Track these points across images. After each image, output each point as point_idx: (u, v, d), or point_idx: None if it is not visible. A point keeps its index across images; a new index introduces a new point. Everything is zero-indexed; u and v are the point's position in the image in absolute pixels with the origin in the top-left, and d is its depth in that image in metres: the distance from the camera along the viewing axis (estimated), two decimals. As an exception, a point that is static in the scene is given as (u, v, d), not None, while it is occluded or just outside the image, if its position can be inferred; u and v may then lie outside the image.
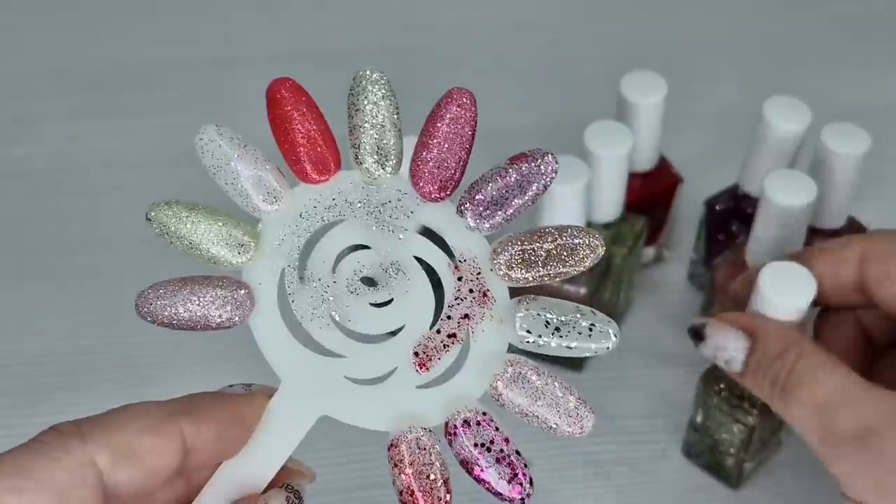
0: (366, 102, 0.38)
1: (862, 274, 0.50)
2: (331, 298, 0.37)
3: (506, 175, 0.36)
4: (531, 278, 0.36)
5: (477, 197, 0.37)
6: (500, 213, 0.37)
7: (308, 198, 0.38)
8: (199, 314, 0.37)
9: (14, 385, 0.64)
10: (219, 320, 0.37)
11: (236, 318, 0.37)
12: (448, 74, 0.84)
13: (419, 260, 0.38)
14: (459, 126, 0.37)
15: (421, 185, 0.37)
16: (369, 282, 0.37)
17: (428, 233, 0.38)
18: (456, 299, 0.37)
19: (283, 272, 0.37)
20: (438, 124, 0.37)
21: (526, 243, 0.36)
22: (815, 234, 0.63)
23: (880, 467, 0.44)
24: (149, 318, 0.37)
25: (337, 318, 0.37)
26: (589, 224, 0.63)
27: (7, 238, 0.72)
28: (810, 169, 0.61)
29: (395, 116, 0.38)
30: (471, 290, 0.36)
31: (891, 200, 0.74)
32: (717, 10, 0.91)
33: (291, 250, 0.38)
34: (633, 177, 0.65)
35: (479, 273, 0.37)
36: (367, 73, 0.39)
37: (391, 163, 0.38)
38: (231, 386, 0.37)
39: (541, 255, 0.36)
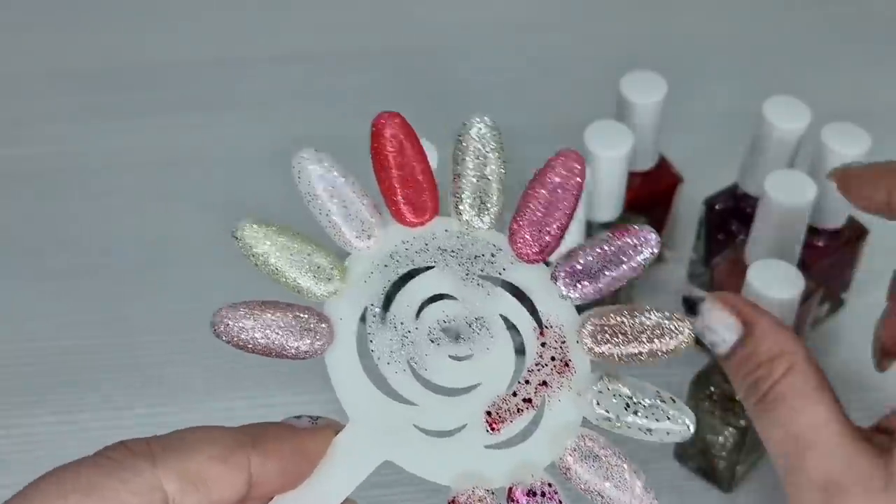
0: (474, 152, 0.37)
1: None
2: (410, 344, 0.37)
3: (605, 247, 0.36)
4: (616, 356, 0.36)
5: (573, 265, 0.36)
6: (593, 284, 0.36)
7: (401, 239, 0.37)
8: (276, 342, 0.36)
9: (14, 385, 0.64)
10: (294, 350, 0.36)
11: (313, 350, 0.36)
12: (448, 74, 0.84)
13: (504, 319, 0.37)
14: (565, 191, 0.36)
15: (518, 244, 0.37)
16: (451, 333, 0.37)
17: (516, 293, 0.37)
18: (536, 365, 0.36)
19: (366, 310, 0.37)
20: (544, 187, 0.36)
21: (616, 318, 0.35)
22: (815, 234, 0.63)
23: None
24: (223, 338, 0.36)
25: (414, 366, 0.36)
26: (589, 224, 0.62)
27: (6, 238, 0.72)
28: (810, 169, 0.61)
29: (502, 171, 0.37)
30: (552, 358, 0.36)
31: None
32: (718, 10, 0.90)
33: (377, 290, 0.37)
34: (633, 176, 0.65)
35: (563, 342, 0.36)
36: (479, 121, 0.37)
37: (490, 216, 0.37)
38: (298, 417, 0.36)
39: (629, 334, 0.35)
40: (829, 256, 0.64)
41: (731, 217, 0.66)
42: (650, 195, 0.67)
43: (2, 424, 0.62)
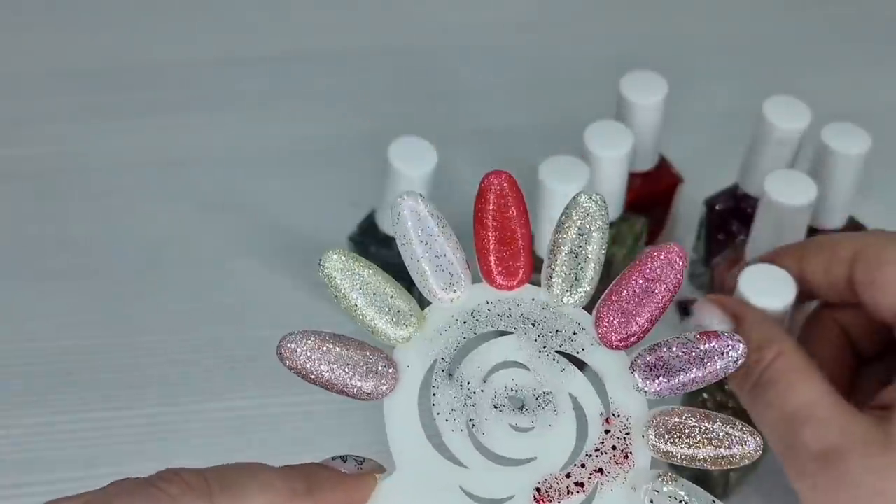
0: (579, 228, 0.37)
1: (851, 274, 0.49)
2: (473, 406, 0.36)
3: (691, 349, 0.36)
4: (678, 457, 0.35)
5: (654, 360, 0.36)
6: (670, 382, 0.36)
7: (486, 299, 0.37)
8: (341, 378, 0.36)
9: (13, 386, 0.64)
10: (356, 389, 0.36)
11: (375, 393, 0.36)
12: (448, 74, 0.84)
13: (573, 399, 0.37)
14: (662, 284, 0.36)
15: (603, 328, 0.36)
16: (517, 403, 0.36)
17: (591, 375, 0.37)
18: (596, 451, 0.36)
19: (436, 363, 0.37)
20: (643, 276, 0.36)
21: (686, 420, 0.35)
22: (816, 234, 0.63)
23: (843, 491, 0.43)
24: (287, 364, 0.36)
25: (472, 428, 0.36)
26: None
27: (6, 238, 0.72)
28: (810, 169, 0.61)
29: (602, 251, 0.37)
30: (613, 447, 0.36)
31: (891, 200, 0.74)
32: (718, 9, 0.90)
33: (451, 344, 0.37)
34: (633, 177, 0.65)
35: (628, 433, 0.36)
36: (589, 198, 0.37)
37: (580, 296, 0.37)
38: (344, 460, 0.36)
39: (696, 439, 0.35)
40: None
41: (731, 217, 0.66)
42: (650, 195, 0.67)
43: (2, 424, 0.62)
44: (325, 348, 0.35)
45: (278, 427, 0.62)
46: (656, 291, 0.36)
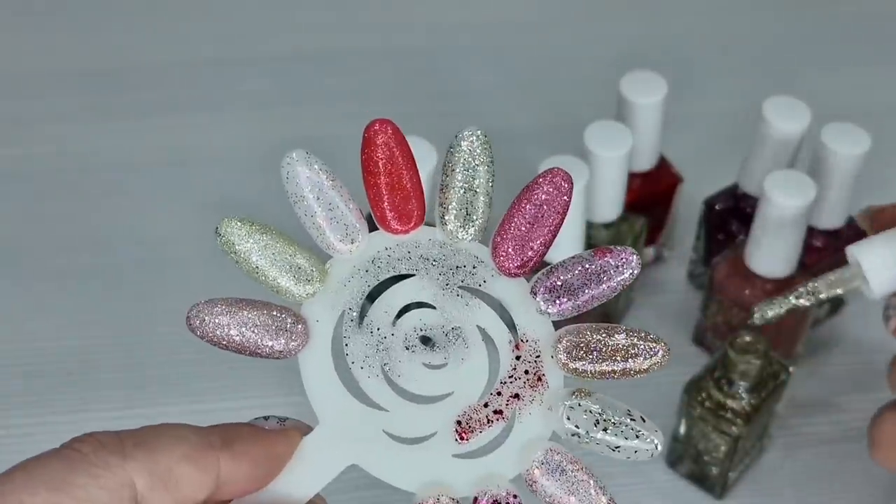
0: (464, 164, 0.38)
1: None
2: (385, 350, 0.37)
3: (586, 265, 0.36)
4: (589, 372, 0.36)
5: (553, 281, 0.36)
6: (572, 301, 0.36)
7: (384, 246, 0.38)
8: (251, 340, 0.36)
9: (13, 386, 0.64)
10: (269, 349, 0.36)
11: (287, 351, 0.36)
12: (448, 75, 0.84)
13: (481, 330, 0.37)
14: (551, 208, 0.37)
15: (500, 258, 0.37)
16: (427, 342, 0.37)
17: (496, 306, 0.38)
18: (510, 377, 0.36)
19: (344, 314, 0.37)
20: (531, 203, 0.37)
21: (591, 336, 0.36)
22: (815, 235, 0.63)
23: None
24: (198, 333, 0.36)
25: (387, 371, 0.36)
26: (589, 224, 0.62)
27: (6, 238, 0.72)
28: (810, 169, 0.61)
29: (490, 185, 0.38)
30: (526, 372, 0.36)
31: (891, 200, 0.74)
32: (717, 10, 0.90)
33: (356, 294, 0.37)
34: (633, 176, 0.65)
35: (538, 356, 0.36)
36: (471, 133, 0.38)
37: (475, 229, 0.38)
38: (266, 419, 0.36)
39: (603, 353, 0.36)
40: (828, 257, 0.63)
41: (730, 217, 0.66)
42: (650, 195, 0.67)
43: (2, 424, 0.62)
44: (232, 313, 0.36)
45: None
46: (546, 216, 0.37)
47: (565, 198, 0.36)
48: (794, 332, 0.63)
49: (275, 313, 0.36)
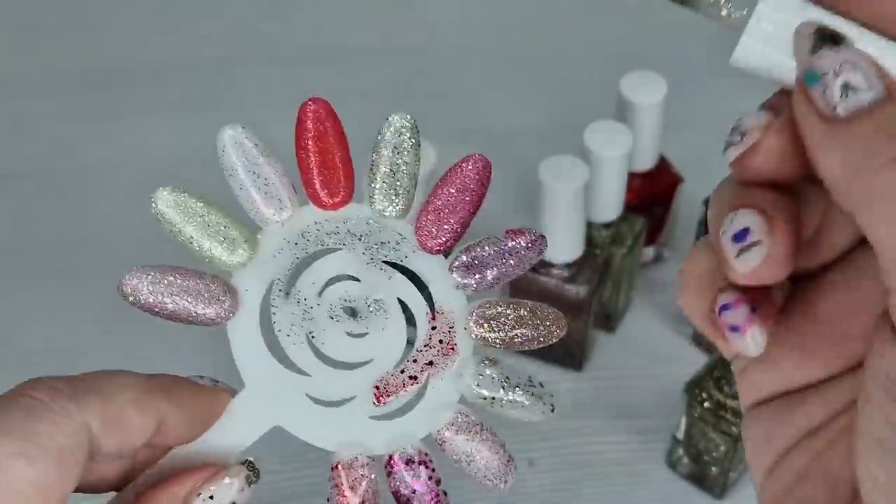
0: (391, 146, 0.40)
1: None
2: (311, 319, 0.39)
3: (499, 245, 0.39)
4: (496, 341, 0.39)
5: (468, 258, 0.39)
6: (485, 277, 0.39)
7: (314, 220, 0.40)
8: (183, 307, 0.38)
9: (6, 388, 0.64)
10: (201, 316, 0.38)
11: (218, 318, 0.38)
12: (448, 75, 0.84)
13: (401, 303, 0.39)
14: (470, 189, 0.39)
15: (421, 235, 0.39)
16: (351, 312, 0.39)
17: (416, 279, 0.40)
18: (425, 346, 0.39)
19: (272, 284, 0.39)
20: (453, 185, 0.39)
21: (501, 309, 0.39)
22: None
23: None
24: (130, 299, 0.38)
25: (312, 339, 0.39)
26: (589, 224, 0.62)
27: (3, 238, 0.72)
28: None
29: (416, 165, 0.40)
30: (440, 341, 0.39)
31: None
32: (717, 9, 0.90)
33: (284, 265, 0.39)
34: (633, 176, 0.65)
35: (451, 327, 0.39)
36: (398, 119, 0.40)
37: (400, 207, 0.40)
38: (201, 378, 0.38)
39: (507, 323, 0.39)
40: None
41: None
42: (650, 195, 0.67)
43: None
44: (165, 281, 0.38)
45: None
46: (466, 199, 0.39)
47: (484, 179, 0.39)
48: None
49: (207, 282, 0.38)
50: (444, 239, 0.39)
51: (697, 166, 0.70)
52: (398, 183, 0.40)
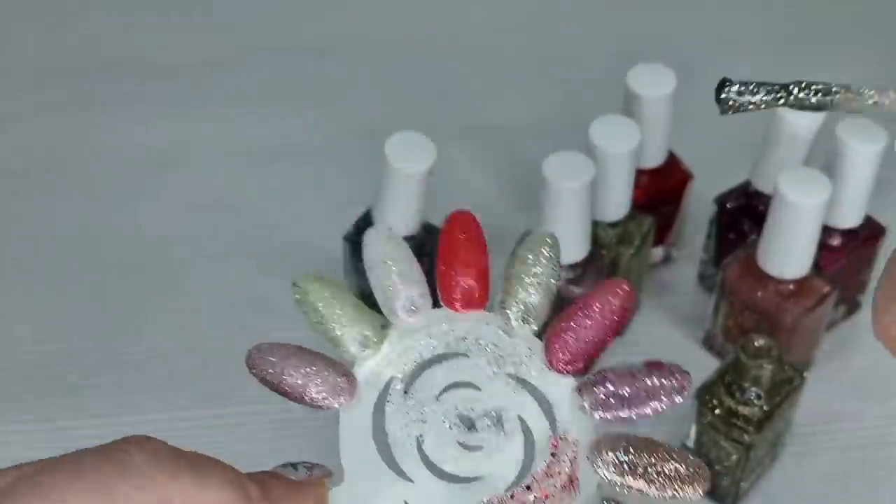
0: (533, 260, 0.40)
1: None
2: (424, 423, 0.38)
3: (638, 378, 0.38)
4: (624, 486, 0.37)
5: (602, 385, 0.38)
6: (617, 410, 0.38)
7: (443, 322, 0.40)
8: (298, 389, 0.38)
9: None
10: (313, 400, 0.38)
11: (330, 404, 0.38)
12: (452, 68, 0.83)
13: (522, 421, 0.39)
14: (609, 315, 0.39)
15: (552, 354, 0.39)
16: (467, 422, 0.38)
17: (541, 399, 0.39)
18: (543, 474, 0.37)
19: (391, 380, 0.39)
20: (592, 305, 0.39)
21: (635, 454, 0.37)
22: (830, 233, 0.63)
23: None
24: (253, 372, 0.39)
25: (422, 444, 0.38)
26: (595, 223, 0.62)
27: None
28: (825, 165, 0.61)
29: (553, 282, 0.40)
30: (559, 472, 0.37)
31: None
32: (728, 0, 0.90)
33: (408, 363, 0.39)
34: (641, 173, 0.65)
35: (574, 457, 0.37)
36: (543, 236, 0.41)
37: (532, 321, 0.40)
38: (295, 468, 0.37)
39: (640, 471, 0.37)
40: (844, 257, 0.64)
41: (742, 216, 0.66)
42: (658, 193, 0.67)
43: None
44: (290, 360, 0.38)
45: (270, 435, 0.62)
46: (605, 324, 0.39)
47: (625, 304, 0.39)
48: (808, 335, 0.62)
49: (329, 367, 0.38)
50: (575, 362, 0.39)
51: (708, 163, 0.70)
52: (534, 299, 0.40)
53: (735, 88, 0.38)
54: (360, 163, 0.73)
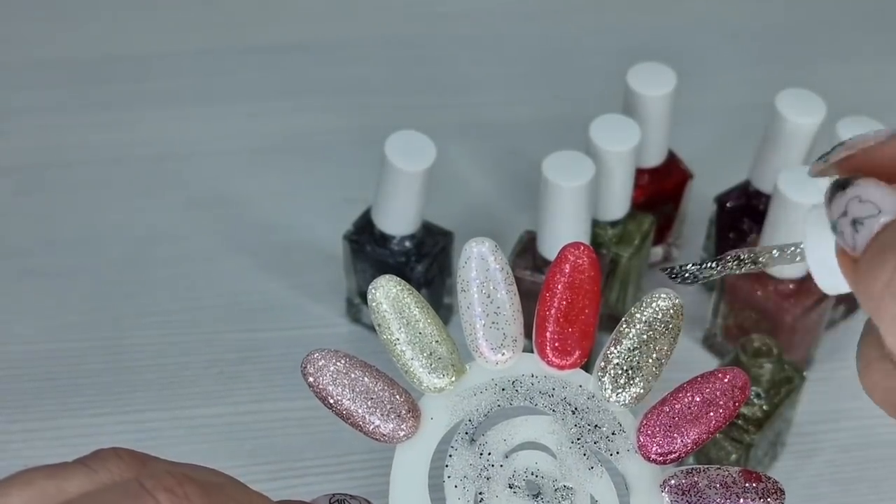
0: (648, 325, 0.36)
1: None
2: (487, 478, 0.35)
3: (730, 486, 0.35)
4: None
5: (688, 485, 0.35)
6: None
7: (531, 372, 0.36)
8: (361, 411, 0.35)
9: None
10: (373, 428, 0.35)
11: (390, 437, 0.35)
12: (450, 66, 0.83)
13: (593, 501, 0.35)
14: (720, 404, 0.35)
15: (644, 437, 0.36)
16: (534, 489, 0.35)
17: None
18: None
19: (461, 423, 0.36)
20: (698, 391, 0.36)
21: None
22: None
23: None
24: (309, 380, 0.35)
25: (480, 501, 0.35)
26: (595, 222, 0.62)
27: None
28: (826, 165, 0.60)
29: (667, 356, 0.37)
30: None
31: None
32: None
33: (482, 408, 0.36)
34: (641, 173, 0.65)
35: None
36: (664, 297, 0.36)
37: (631, 396, 0.36)
38: (341, 502, 0.35)
39: None
40: None
41: (742, 215, 0.66)
42: (659, 192, 0.67)
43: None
44: (353, 375, 0.35)
45: (269, 434, 0.61)
46: (710, 414, 0.35)
47: (738, 403, 0.35)
48: (808, 335, 0.62)
49: (395, 393, 0.35)
50: (669, 450, 0.35)
51: (708, 162, 0.70)
52: (642, 368, 0.36)
53: (689, 267, 0.38)
54: (360, 160, 0.73)
